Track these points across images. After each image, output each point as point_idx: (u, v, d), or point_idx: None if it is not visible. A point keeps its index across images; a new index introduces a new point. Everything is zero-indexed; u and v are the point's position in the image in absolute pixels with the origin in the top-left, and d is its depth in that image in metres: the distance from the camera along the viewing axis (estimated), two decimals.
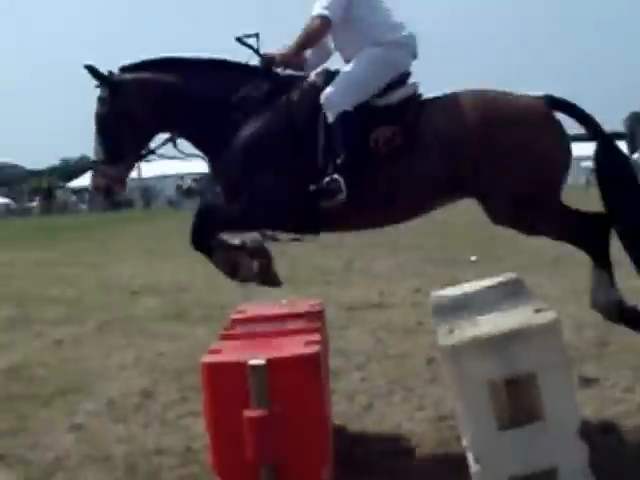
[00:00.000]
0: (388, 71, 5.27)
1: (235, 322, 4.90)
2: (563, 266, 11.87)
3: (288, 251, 11.46)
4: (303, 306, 5.35)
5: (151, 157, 5.63)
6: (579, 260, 5.97)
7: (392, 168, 5.11)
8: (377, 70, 5.25)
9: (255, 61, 5.43)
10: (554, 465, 3.77)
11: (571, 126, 5.26)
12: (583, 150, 8.45)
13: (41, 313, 11.12)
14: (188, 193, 51.51)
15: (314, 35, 5.32)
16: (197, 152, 5.50)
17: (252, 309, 5.28)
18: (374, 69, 5.24)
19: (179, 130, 5.49)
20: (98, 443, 5.74)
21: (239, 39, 5.42)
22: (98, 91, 5.45)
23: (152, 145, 5.59)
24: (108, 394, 6.90)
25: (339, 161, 5.09)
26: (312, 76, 5.41)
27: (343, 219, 5.31)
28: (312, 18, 5.25)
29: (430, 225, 12.46)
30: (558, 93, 5.20)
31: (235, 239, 5.15)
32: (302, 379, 3.82)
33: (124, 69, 5.48)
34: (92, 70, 5.38)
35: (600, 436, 5.02)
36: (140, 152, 5.54)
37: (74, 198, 68.56)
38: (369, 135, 5.14)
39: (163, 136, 5.56)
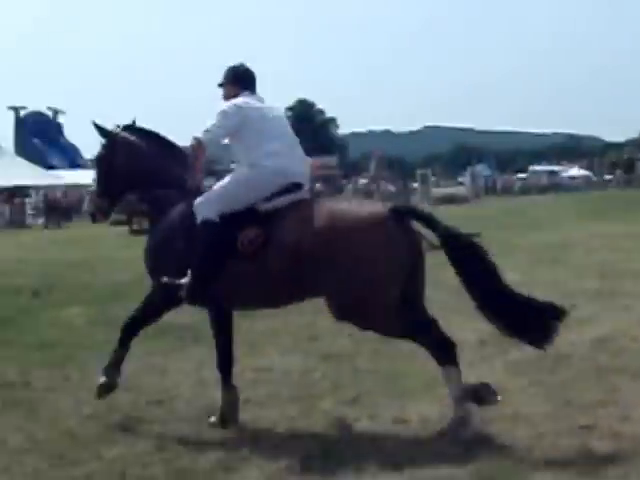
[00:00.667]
0: (250, 191, 5.96)
1: None
2: None
3: None
4: None
5: None
6: None
7: (253, 263, 5.83)
8: (241, 188, 5.99)
9: None
10: None
11: None
12: None
13: (626, 286, 11.12)
14: None
15: (194, 159, 6.11)
16: None
17: None
18: (238, 187, 6.00)
19: (141, 193, 6.64)
20: None
21: None
22: None
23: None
24: None
25: (196, 260, 5.91)
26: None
27: (234, 302, 6.21)
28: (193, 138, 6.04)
29: None
30: None
31: None
32: None
33: (126, 127, 6.61)
34: (96, 126, 6.58)
35: None
36: (119, 195, 6.70)
37: None
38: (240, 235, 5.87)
39: None
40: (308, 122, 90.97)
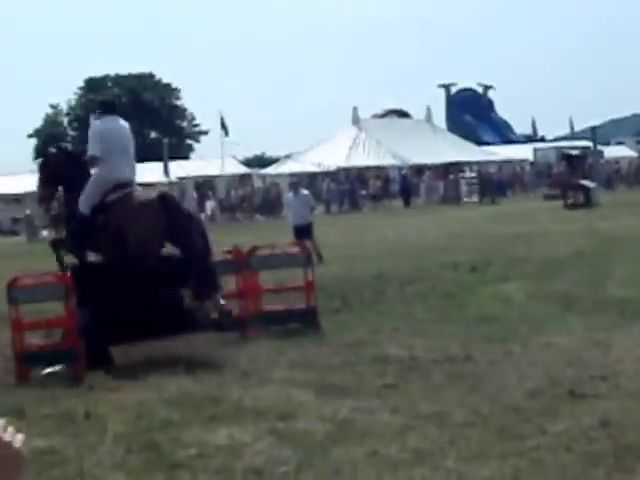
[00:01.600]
0: (95, 192, 9.61)
1: None
2: None
3: None
4: None
5: None
6: None
7: (104, 238, 9.55)
8: (92, 189, 9.63)
9: None
10: None
11: None
12: None
13: None
14: None
15: (91, 165, 9.91)
16: None
17: None
18: (91, 189, 9.63)
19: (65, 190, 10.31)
20: None
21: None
22: None
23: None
24: None
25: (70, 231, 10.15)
26: None
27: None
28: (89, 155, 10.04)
29: None
30: None
31: None
32: None
33: (57, 147, 11.94)
34: (45, 147, 15.23)
35: None
36: (52, 190, 10.36)
37: None
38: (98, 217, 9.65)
39: None
40: None
